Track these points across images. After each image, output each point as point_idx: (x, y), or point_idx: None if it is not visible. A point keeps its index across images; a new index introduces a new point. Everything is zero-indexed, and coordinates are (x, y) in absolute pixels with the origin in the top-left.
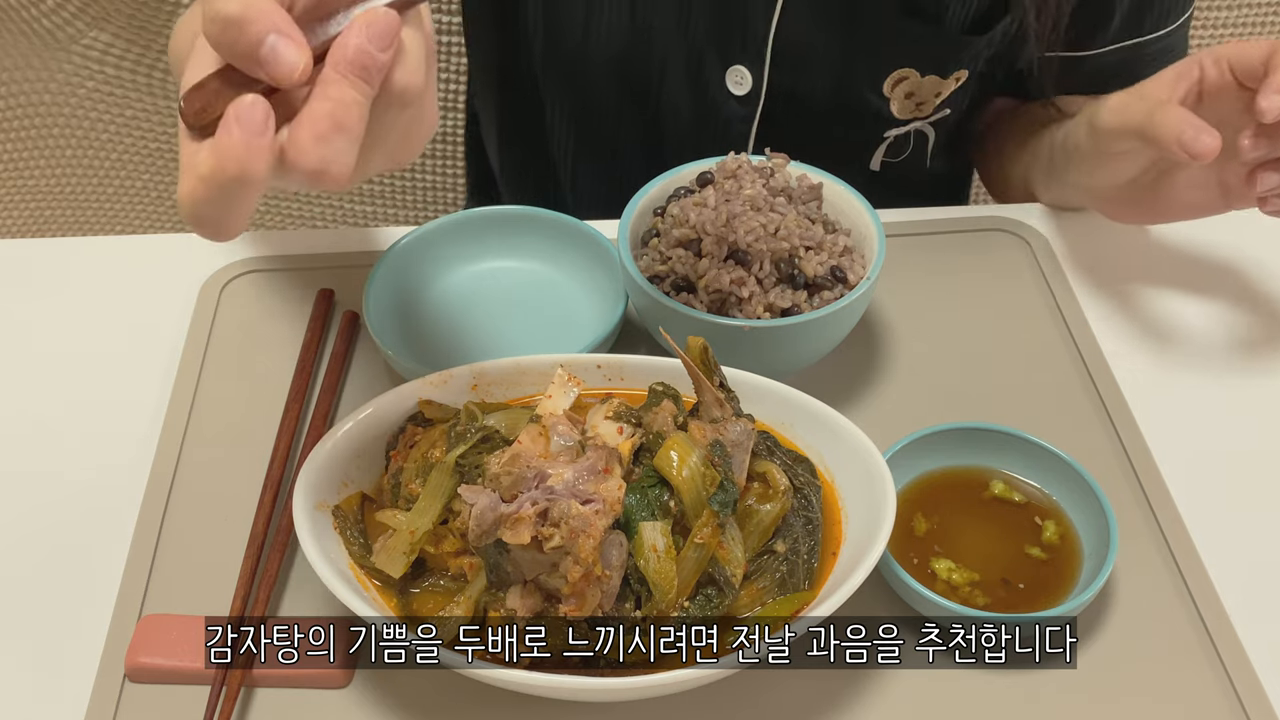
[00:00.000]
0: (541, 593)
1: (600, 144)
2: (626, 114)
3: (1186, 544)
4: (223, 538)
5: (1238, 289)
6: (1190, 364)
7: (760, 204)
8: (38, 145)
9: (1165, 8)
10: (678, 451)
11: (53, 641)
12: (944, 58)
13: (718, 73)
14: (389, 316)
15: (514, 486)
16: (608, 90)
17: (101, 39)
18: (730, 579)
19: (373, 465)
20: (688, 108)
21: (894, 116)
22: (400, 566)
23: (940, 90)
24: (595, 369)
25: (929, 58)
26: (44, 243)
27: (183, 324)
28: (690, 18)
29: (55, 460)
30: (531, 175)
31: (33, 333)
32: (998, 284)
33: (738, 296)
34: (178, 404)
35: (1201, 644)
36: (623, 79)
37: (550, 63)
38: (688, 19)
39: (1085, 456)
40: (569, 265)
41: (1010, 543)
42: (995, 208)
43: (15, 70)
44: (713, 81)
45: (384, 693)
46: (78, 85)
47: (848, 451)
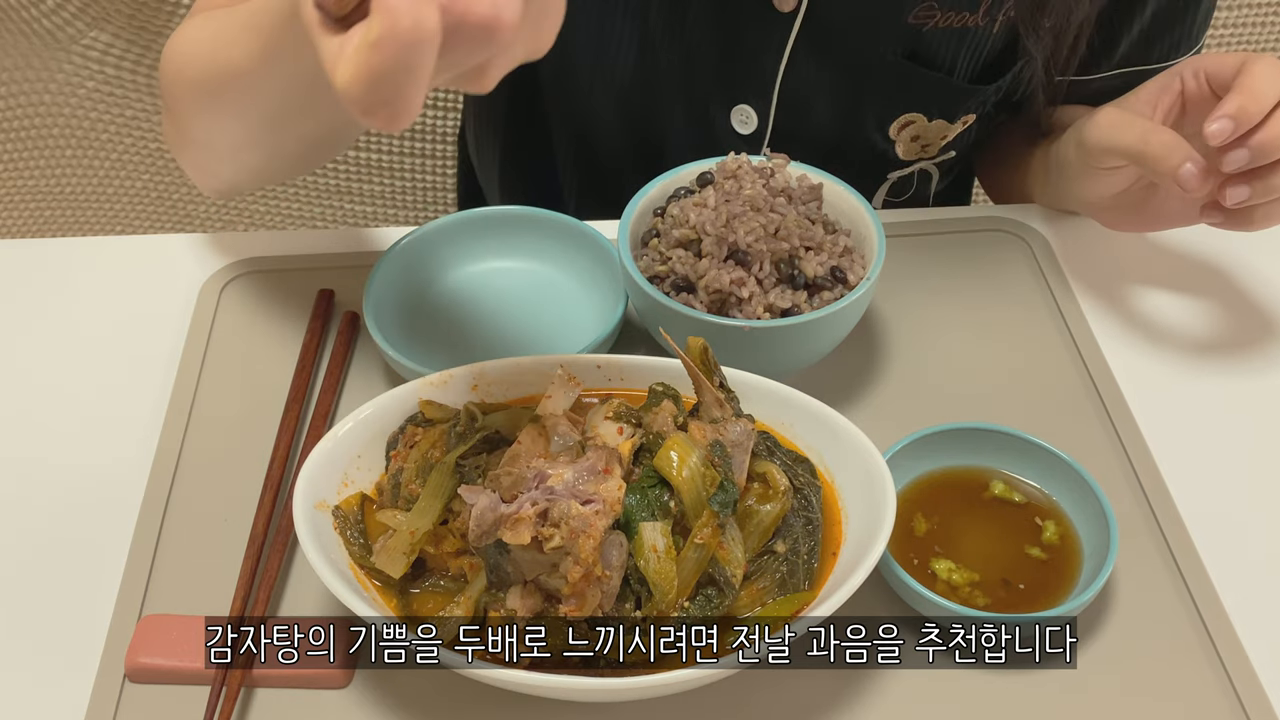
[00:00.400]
0: (541, 593)
1: (603, 178)
2: (629, 149)
3: (1186, 544)
4: (223, 538)
5: (1238, 289)
6: (1190, 364)
7: (760, 204)
8: (38, 145)
9: (1175, 39)
10: (678, 452)
11: (53, 641)
12: (952, 104)
13: (723, 111)
14: (389, 316)
15: (514, 487)
16: (611, 125)
17: (101, 39)
18: (730, 579)
19: (373, 465)
20: (691, 146)
21: (899, 158)
22: (400, 567)
23: (946, 134)
24: (595, 369)
25: (937, 104)
26: (44, 243)
27: (183, 324)
28: (699, 58)
29: (55, 460)
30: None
31: (33, 333)
32: (998, 284)
33: (738, 297)
34: (178, 404)
35: (1201, 644)
36: (627, 116)
37: (555, 97)
38: (696, 59)
39: (1085, 456)
40: (569, 265)
41: (1010, 543)
42: (995, 208)
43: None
44: (718, 120)
45: (384, 693)
46: (78, 85)
47: (848, 451)
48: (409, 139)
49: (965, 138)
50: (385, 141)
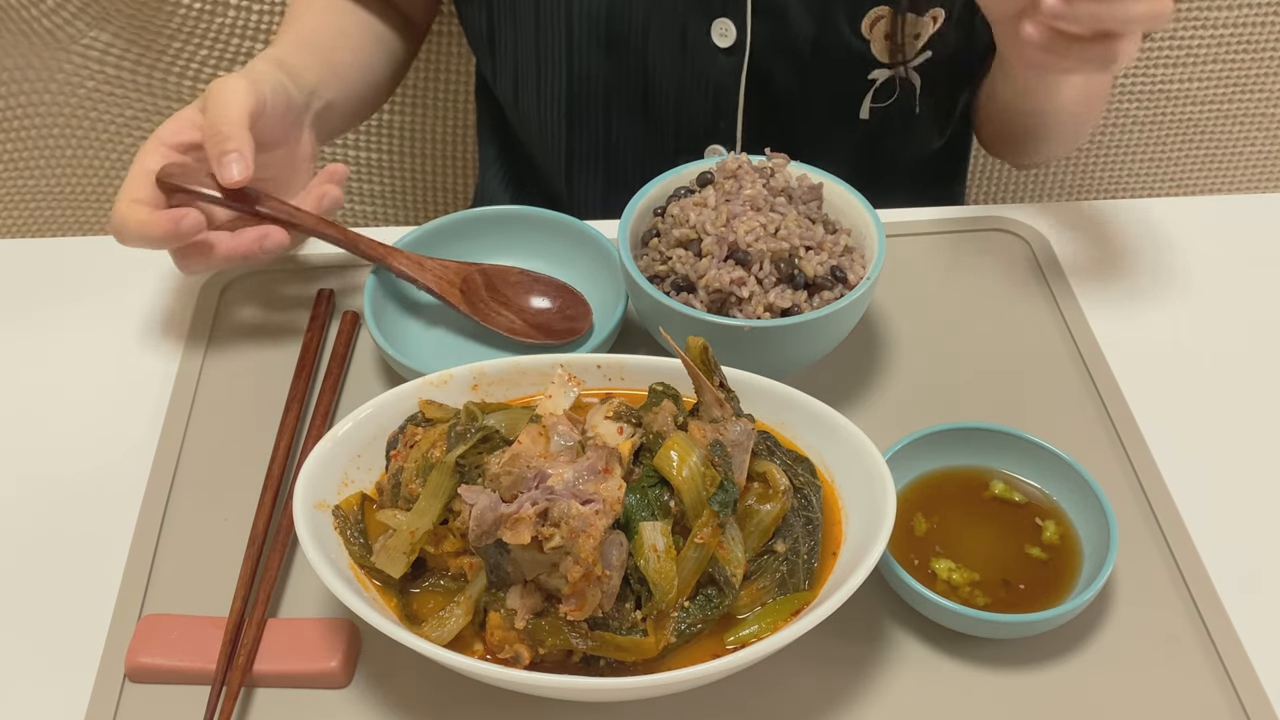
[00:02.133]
0: (541, 593)
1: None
2: (614, 78)
3: (1186, 544)
4: (223, 538)
5: (1238, 289)
6: (1190, 364)
7: (760, 204)
8: (38, 145)
9: None
10: (678, 451)
11: (53, 641)
12: None
13: (703, 28)
14: (389, 316)
15: (514, 487)
16: (595, 54)
17: (101, 39)
18: (730, 579)
19: (373, 465)
20: (675, 66)
21: (875, 58)
22: (400, 567)
23: (919, 31)
24: (595, 369)
25: None
26: (44, 243)
27: (183, 324)
28: None
29: (55, 460)
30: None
31: (33, 332)
32: (998, 284)
33: (738, 296)
34: (178, 404)
35: (1201, 644)
36: (610, 43)
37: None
38: None
39: (1085, 456)
40: (569, 265)
41: (1010, 543)
42: (995, 208)
43: (15, 70)
44: (698, 36)
45: (384, 693)
46: (78, 85)
47: (848, 451)
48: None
49: (940, 44)
50: (385, 141)
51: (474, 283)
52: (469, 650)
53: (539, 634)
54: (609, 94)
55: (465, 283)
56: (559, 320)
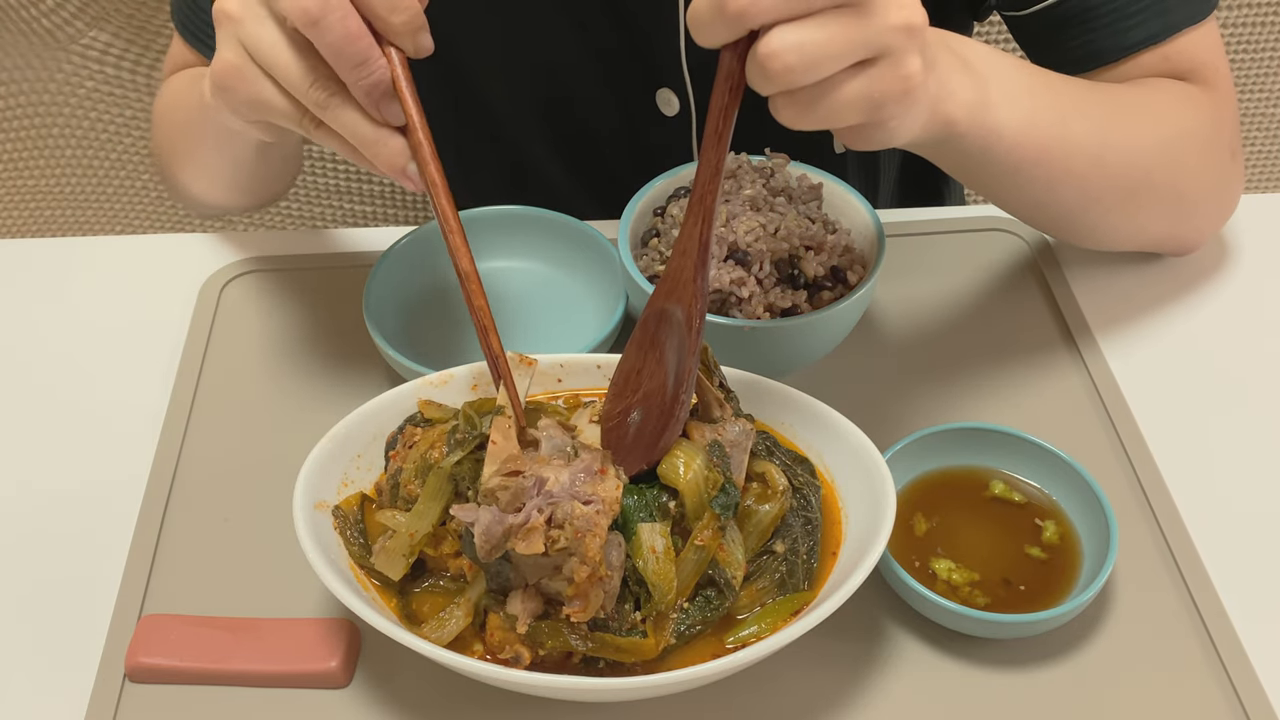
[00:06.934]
0: (542, 596)
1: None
2: (565, 153)
3: (1186, 544)
4: (223, 538)
5: (1237, 288)
6: (1190, 363)
7: (760, 204)
8: (38, 145)
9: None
10: (682, 454)
11: (53, 641)
12: None
13: (647, 98)
14: (389, 316)
15: (515, 499)
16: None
17: (101, 39)
18: (730, 581)
19: (372, 465)
20: (624, 133)
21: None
22: (400, 569)
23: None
24: (595, 369)
25: None
26: (44, 243)
27: (183, 324)
28: (603, 60)
29: (55, 460)
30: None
31: (33, 333)
32: (998, 284)
33: (738, 297)
34: (178, 404)
35: (1201, 644)
36: (551, 119)
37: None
38: (600, 61)
39: (1085, 456)
40: (569, 265)
41: (1010, 543)
42: (995, 208)
43: (15, 70)
44: (642, 109)
45: (384, 693)
46: (78, 85)
47: (848, 451)
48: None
49: None
50: None
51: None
52: (469, 651)
53: (539, 636)
54: (562, 174)
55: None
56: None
